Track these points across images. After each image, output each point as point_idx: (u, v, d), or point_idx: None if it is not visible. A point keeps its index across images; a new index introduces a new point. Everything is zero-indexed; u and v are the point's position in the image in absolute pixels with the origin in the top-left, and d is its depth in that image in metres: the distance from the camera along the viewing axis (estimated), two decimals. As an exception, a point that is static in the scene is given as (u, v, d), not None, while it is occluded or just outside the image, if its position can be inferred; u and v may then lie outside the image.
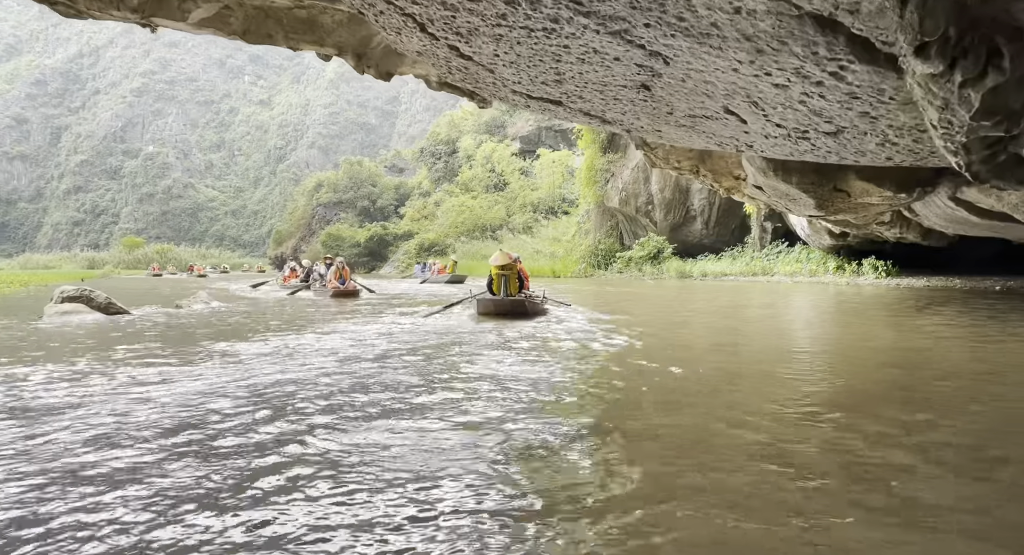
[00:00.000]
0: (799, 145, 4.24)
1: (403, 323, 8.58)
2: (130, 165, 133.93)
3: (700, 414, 3.45)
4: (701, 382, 4.41)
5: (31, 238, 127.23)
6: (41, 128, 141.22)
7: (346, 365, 5.03)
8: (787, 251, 25.11)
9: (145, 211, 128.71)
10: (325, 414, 3.42)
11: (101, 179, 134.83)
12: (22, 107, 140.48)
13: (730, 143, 4.78)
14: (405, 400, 3.79)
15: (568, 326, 8.22)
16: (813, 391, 4.02)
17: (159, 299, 12.62)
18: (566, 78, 3.77)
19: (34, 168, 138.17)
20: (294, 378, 4.51)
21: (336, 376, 4.57)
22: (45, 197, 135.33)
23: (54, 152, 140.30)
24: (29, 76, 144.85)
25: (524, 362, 5.20)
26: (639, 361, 5.33)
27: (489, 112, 55.39)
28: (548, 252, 34.11)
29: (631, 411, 3.62)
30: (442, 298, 14.83)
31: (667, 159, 9.89)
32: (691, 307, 11.78)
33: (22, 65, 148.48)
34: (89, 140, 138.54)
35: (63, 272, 36.96)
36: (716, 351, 6.07)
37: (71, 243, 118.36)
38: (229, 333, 7.45)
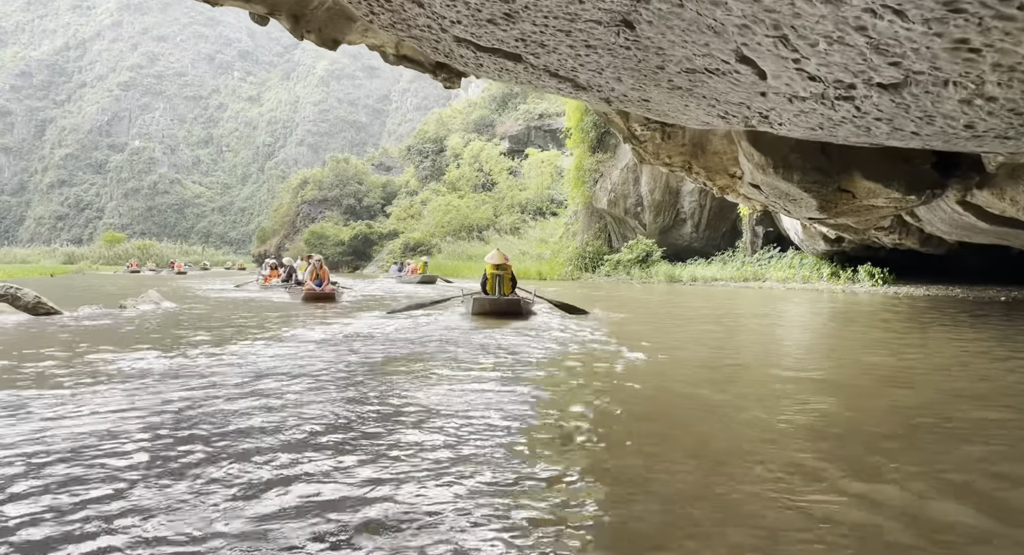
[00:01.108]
0: (836, 111, 3.26)
1: (368, 329, 7.66)
2: (116, 159, 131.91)
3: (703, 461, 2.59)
4: (701, 412, 3.55)
5: (13, 232, 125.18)
6: (25, 121, 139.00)
7: (277, 385, 4.13)
8: (779, 256, 24.40)
9: (130, 206, 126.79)
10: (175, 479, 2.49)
11: (86, 173, 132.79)
12: (6, 99, 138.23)
13: (738, 114, 3.83)
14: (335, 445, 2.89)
15: (560, 337, 7.35)
16: (825, 427, 3.17)
17: (107, 298, 11.62)
18: (518, 10, 2.84)
19: (17, 161, 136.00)
20: (190, 404, 3.61)
21: (247, 406, 3.66)
22: (28, 190, 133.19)
23: (38, 145, 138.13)
24: (14, 68, 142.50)
25: (508, 382, 4.33)
26: (633, 383, 4.48)
27: (478, 111, 54.50)
28: (535, 254, 33.22)
29: (621, 448, 2.80)
30: (416, 296, 14.01)
31: (657, 154, 9.04)
32: (682, 315, 10.95)
33: (7, 56, 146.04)
34: (74, 134, 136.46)
35: (33, 267, 35.73)
36: (712, 371, 5.22)
37: (54, 238, 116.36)
38: (157, 341, 6.52)
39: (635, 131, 8.61)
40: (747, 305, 13.56)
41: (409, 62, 5.80)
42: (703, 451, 2.90)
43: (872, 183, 8.58)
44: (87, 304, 10.01)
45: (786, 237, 24.72)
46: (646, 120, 8.43)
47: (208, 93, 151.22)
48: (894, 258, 18.81)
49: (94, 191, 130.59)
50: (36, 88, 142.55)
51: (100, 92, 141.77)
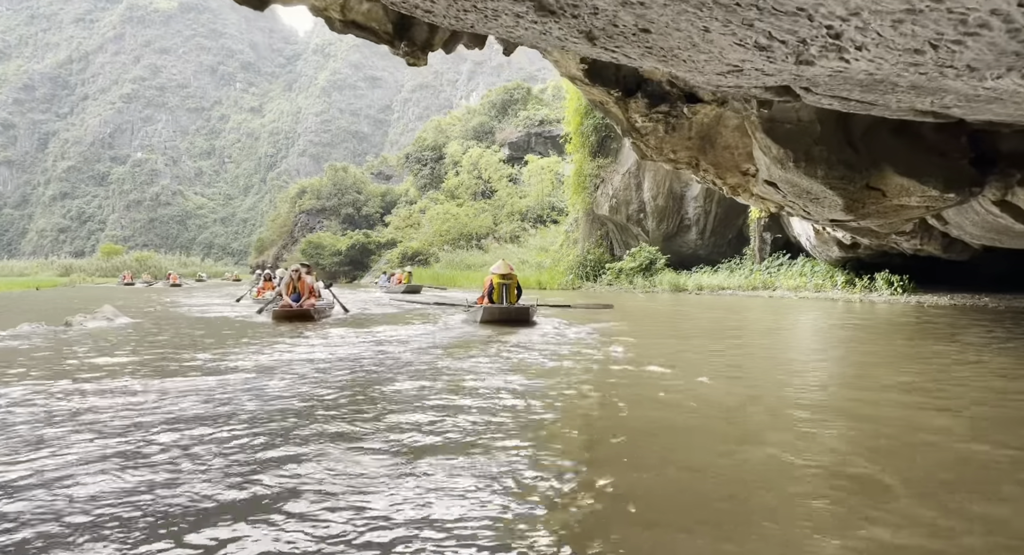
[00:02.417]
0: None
1: (328, 353, 6.62)
2: (118, 171, 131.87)
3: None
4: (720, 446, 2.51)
5: (16, 245, 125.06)
6: (28, 133, 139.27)
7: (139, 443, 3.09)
8: (789, 264, 23.33)
9: (132, 218, 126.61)
10: None
11: (88, 185, 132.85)
12: (9, 112, 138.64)
13: (789, 37, 2.51)
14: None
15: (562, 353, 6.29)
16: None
17: (66, 313, 10.58)
18: None
19: (20, 174, 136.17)
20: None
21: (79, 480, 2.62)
22: (31, 203, 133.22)
23: (41, 158, 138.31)
24: (17, 81, 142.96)
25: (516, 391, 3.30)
26: (633, 414, 3.48)
27: (477, 117, 53.58)
28: (535, 262, 32.17)
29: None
30: (408, 310, 12.98)
31: (660, 149, 8.01)
32: (688, 328, 9.88)
33: (10, 70, 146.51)
34: (77, 146, 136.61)
35: (19, 280, 34.71)
36: (723, 399, 4.17)
37: (56, 250, 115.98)
38: (72, 371, 5.48)
39: (635, 122, 7.59)
40: (758, 317, 12.48)
41: (359, 30, 4.80)
42: (710, 515, 2.21)
43: (905, 179, 7.53)
44: (30, 321, 8.99)
45: (796, 243, 23.66)
46: (648, 109, 7.41)
47: (210, 105, 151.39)
48: (912, 265, 17.71)
49: (96, 203, 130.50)
50: (39, 101, 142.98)
51: (103, 104, 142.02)
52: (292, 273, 11.62)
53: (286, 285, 11.58)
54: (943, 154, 8.08)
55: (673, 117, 7.55)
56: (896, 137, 7.61)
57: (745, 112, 7.16)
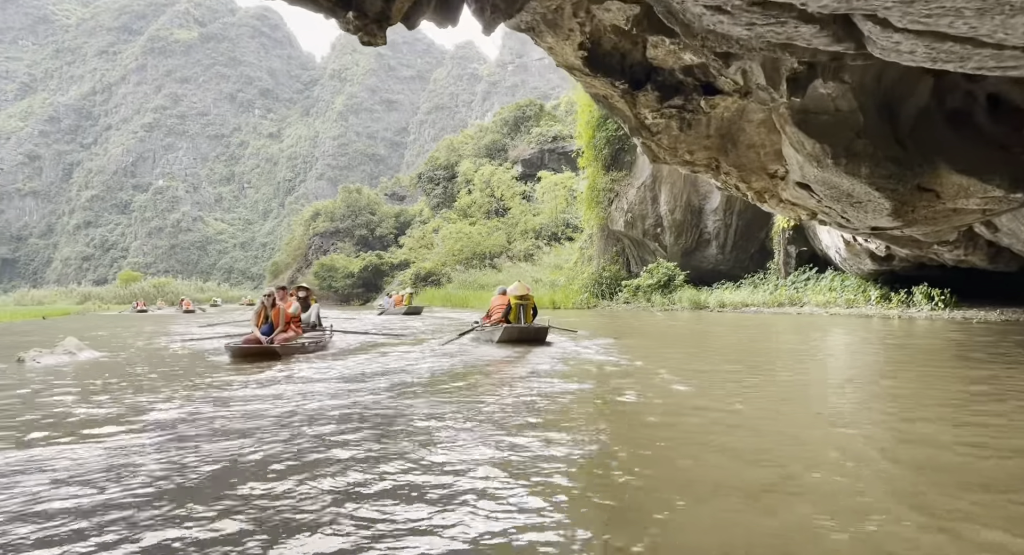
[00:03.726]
0: None
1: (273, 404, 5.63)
2: (140, 199, 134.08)
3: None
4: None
5: (41, 274, 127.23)
6: (53, 164, 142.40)
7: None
8: (816, 278, 22.08)
9: (154, 245, 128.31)
10: None
11: (111, 214, 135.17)
12: (35, 144, 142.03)
13: None
14: None
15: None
16: None
17: (31, 346, 9.71)
18: None
19: (45, 204, 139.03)
20: None
21: None
22: (56, 232, 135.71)
23: (65, 188, 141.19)
24: (43, 113, 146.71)
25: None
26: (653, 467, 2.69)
27: (489, 135, 52.95)
28: (548, 281, 31.11)
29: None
30: (404, 331, 12.01)
31: (674, 149, 7.00)
32: (709, 350, 8.77)
33: (36, 103, 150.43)
34: (100, 175, 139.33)
35: (30, 309, 34.37)
36: (758, 445, 3.12)
37: (80, 278, 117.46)
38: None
39: (645, 119, 6.60)
40: (788, 336, 11.31)
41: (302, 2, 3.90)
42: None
43: (964, 178, 6.43)
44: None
45: (823, 256, 22.44)
46: (659, 103, 6.41)
47: (230, 131, 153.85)
48: (950, 277, 16.40)
49: (119, 231, 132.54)
50: (64, 132, 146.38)
51: (125, 134, 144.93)
52: (264, 298, 9.44)
53: (256, 314, 9.44)
54: (1004, 148, 6.97)
55: (688, 112, 6.54)
56: (951, 128, 6.53)
57: (772, 103, 6.12)
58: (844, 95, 5.85)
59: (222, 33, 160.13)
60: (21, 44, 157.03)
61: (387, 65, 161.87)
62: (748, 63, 5.68)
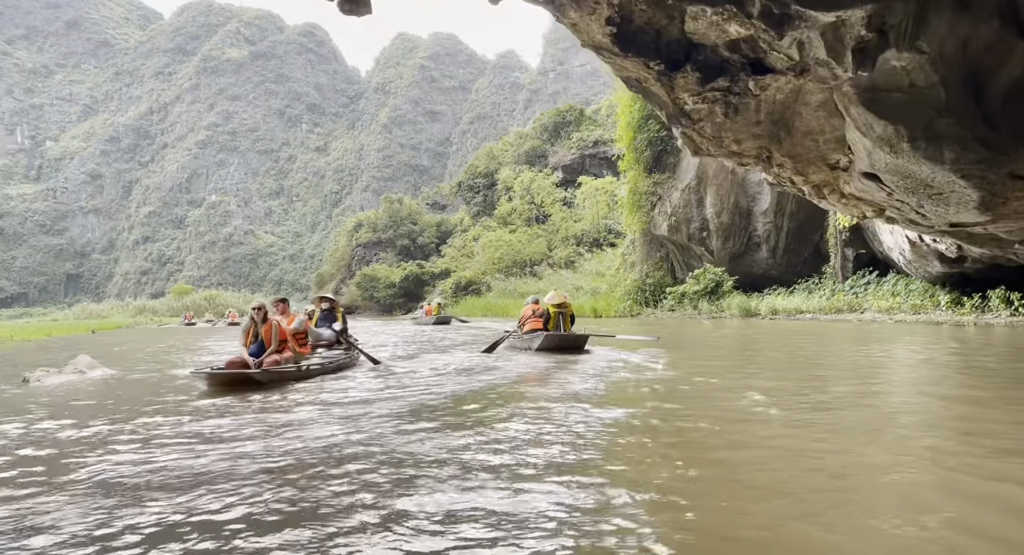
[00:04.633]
0: None
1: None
2: (194, 214, 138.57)
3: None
4: None
5: (103, 288, 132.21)
6: (114, 182, 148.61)
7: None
8: (877, 282, 20.64)
9: (208, 258, 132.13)
10: None
11: (168, 229, 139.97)
12: (97, 163, 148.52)
13: None
14: None
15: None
16: None
17: (52, 363, 9.46)
18: None
19: (107, 221, 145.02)
20: None
21: None
22: (116, 248, 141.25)
23: (125, 205, 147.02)
24: (104, 134, 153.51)
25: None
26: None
27: (529, 142, 52.33)
28: (589, 288, 30.20)
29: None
30: (430, 340, 11.45)
31: (718, 139, 6.19)
32: (773, 369, 7.85)
33: (97, 124, 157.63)
34: (157, 192, 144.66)
35: (84, 323, 35.31)
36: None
37: (139, 291, 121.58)
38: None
39: (684, 104, 5.81)
40: (852, 348, 10.22)
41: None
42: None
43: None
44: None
45: (884, 259, 21.01)
46: (700, 86, 5.63)
47: (279, 146, 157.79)
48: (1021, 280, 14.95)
49: (175, 245, 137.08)
50: (123, 151, 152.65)
51: (180, 151, 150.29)
52: (254, 313, 7.81)
53: (244, 331, 7.78)
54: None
55: (735, 95, 5.73)
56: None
57: (834, 80, 5.27)
58: (921, 67, 4.95)
59: (271, 51, 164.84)
60: (84, 68, 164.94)
61: (429, 77, 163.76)
62: (805, 33, 4.86)
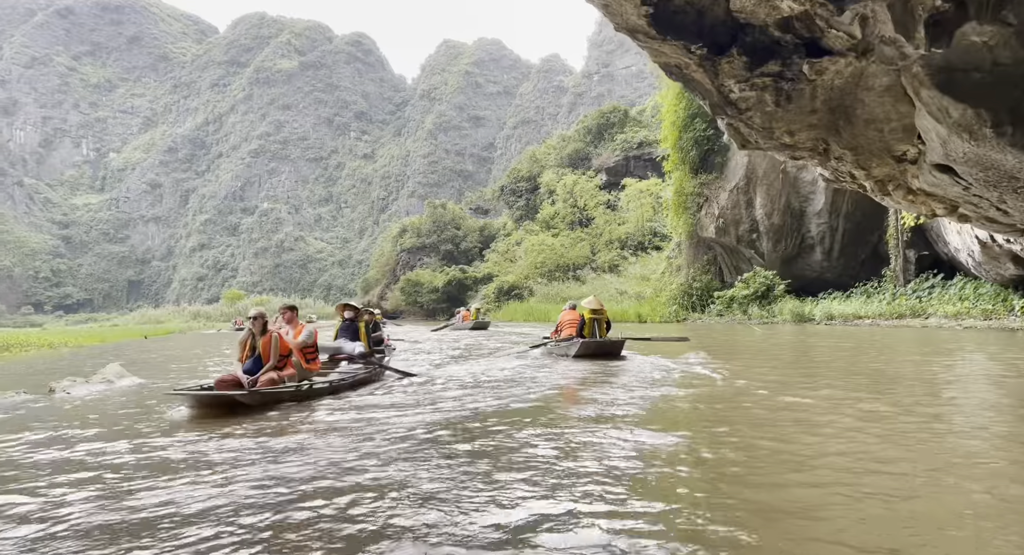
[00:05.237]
0: None
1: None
2: (247, 222, 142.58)
3: None
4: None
5: (162, 294, 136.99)
6: (172, 191, 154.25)
7: None
8: (943, 286, 19.37)
9: (260, 264, 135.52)
10: None
11: (222, 236, 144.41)
12: (156, 173, 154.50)
13: None
14: None
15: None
16: None
17: (69, 373, 9.32)
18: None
19: (166, 229, 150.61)
20: None
21: None
22: (175, 255, 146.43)
23: (183, 213, 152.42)
24: (163, 145, 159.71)
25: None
26: None
27: (572, 144, 51.74)
28: (634, 293, 29.42)
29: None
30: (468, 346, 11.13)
31: (769, 130, 5.63)
32: (841, 381, 7.18)
33: (157, 135, 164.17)
34: (212, 200, 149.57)
35: (139, 329, 36.46)
36: None
37: (195, 297, 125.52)
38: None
39: (730, 92, 5.29)
40: (927, 358, 9.39)
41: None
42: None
43: None
44: (18, 388, 7.61)
45: (947, 261, 19.74)
46: (748, 71, 5.10)
47: (328, 154, 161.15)
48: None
49: (229, 252, 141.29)
50: (181, 161, 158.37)
51: (234, 160, 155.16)
52: (251, 323, 6.67)
53: (241, 344, 6.70)
54: None
55: (787, 81, 5.18)
56: None
57: (903, 60, 4.67)
58: (1007, 42, 4.32)
59: (320, 61, 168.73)
60: (144, 81, 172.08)
61: (474, 83, 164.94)
62: (869, 6, 4.29)
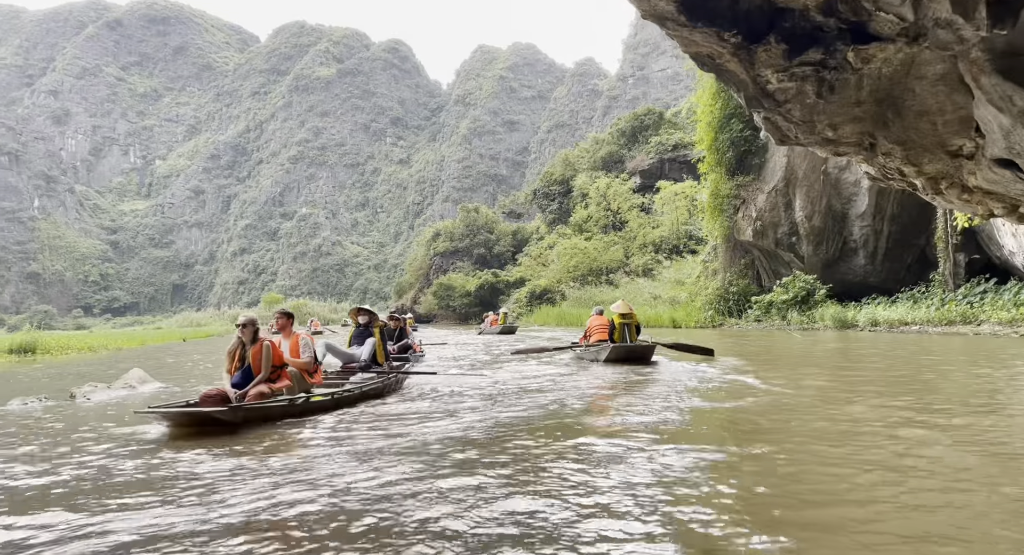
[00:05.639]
0: None
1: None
2: (286, 227, 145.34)
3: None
4: None
5: (204, 297, 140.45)
6: (215, 197, 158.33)
7: None
8: (996, 291, 18.38)
9: (298, 268, 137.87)
10: None
11: (262, 240, 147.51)
12: (199, 180, 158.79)
13: None
14: None
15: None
16: None
17: (101, 377, 9.37)
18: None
19: (208, 233, 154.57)
20: None
21: None
22: (216, 259, 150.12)
23: (224, 218, 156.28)
24: (206, 151, 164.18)
25: None
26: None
27: (606, 147, 51.18)
28: (668, 297, 28.79)
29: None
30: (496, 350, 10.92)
31: (810, 123, 5.25)
32: (901, 398, 6.71)
33: (200, 142, 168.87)
34: (252, 206, 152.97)
35: (177, 331, 37.21)
36: None
37: (236, 301, 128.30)
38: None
39: (767, 83, 4.93)
40: (987, 369, 8.80)
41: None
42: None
43: None
44: (38, 393, 7.56)
45: (1001, 265, 18.77)
46: (787, 59, 4.74)
47: (364, 159, 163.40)
48: None
49: (269, 256, 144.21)
50: (223, 168, 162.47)
51: (274, 167, 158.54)
52: (240, 331, 5.95)
53: (229, 354, 6.00)
54: None
55: (830, 70, 4.80)
56: None
57: (960, 45, 4.26)
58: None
59: (357, 68, 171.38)
60: (188, 90, 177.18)
61: (509, 87, 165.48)
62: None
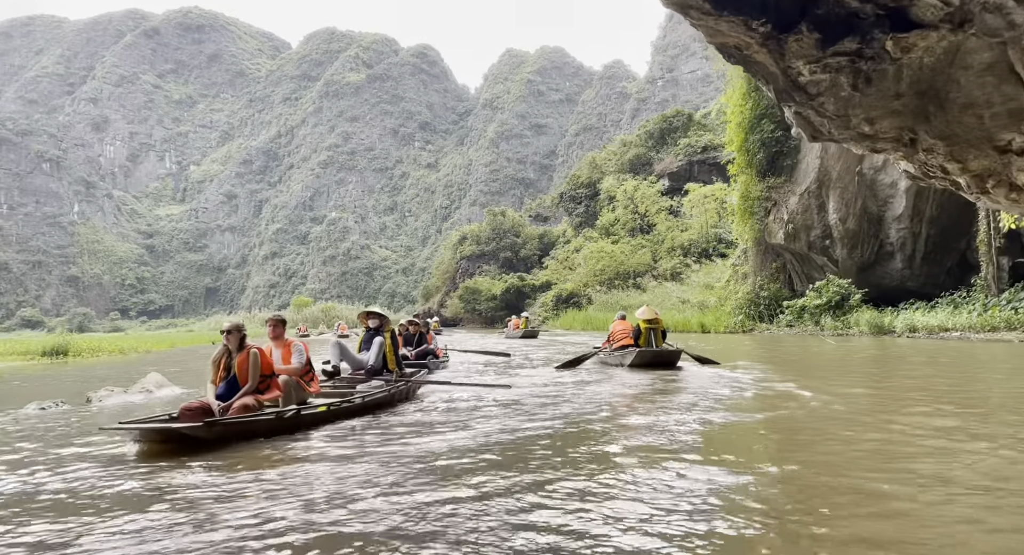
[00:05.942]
0: None
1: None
2: (316, 231, 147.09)
3: None
4: None
5: (236, 300, 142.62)
6: (247, 202, 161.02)
7: None
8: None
9: (328, 272, 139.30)
10: None
11: (293, 244, 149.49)
12: (232, 185, 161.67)
13: None
14: None
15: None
16: None
17: (124, 380, 9.36)
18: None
19: (240, 238, 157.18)
20: None
21: None
22: (248, 263, 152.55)
23: (256, 222, 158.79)
24: (238, 157, 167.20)
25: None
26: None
27: (633, 150, 50.67)
28: (697, 302, 28.25)
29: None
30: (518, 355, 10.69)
31: (844, 118, 4.95)
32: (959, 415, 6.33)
33: (233, 148, 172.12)
34: (283, 210, 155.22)
35: (206, 334, 37.68)
36: None
37: (267, 304, 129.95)
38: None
39: (799, 75, 4.66)
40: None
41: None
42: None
43: None
44: (63, 396, 7.62)
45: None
46: (820, 49, 4.47)
47: (393, 164, 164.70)
48: None
49: (299, 260, 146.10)
50: (255, 173, 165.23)
51: (304, 171, 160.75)
52: (225, 338, 5.52)
53: (214, 363, 5.54)
54: None
55: (867, 60, 4.50)
56: None
57: (1011, 30, 3.97)
58: None
59: (386, 73, 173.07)
60: (222, 97, 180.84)
61: (536, 91, 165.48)
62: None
